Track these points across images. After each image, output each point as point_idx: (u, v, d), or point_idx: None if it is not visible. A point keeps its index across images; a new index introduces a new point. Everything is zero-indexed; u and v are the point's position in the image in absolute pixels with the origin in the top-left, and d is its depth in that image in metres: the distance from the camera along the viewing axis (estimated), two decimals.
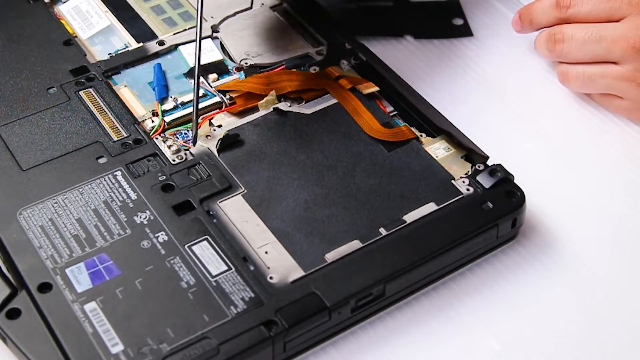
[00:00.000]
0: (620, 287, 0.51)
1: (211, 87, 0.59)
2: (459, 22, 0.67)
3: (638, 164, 0.57)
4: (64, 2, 0.65)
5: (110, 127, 0.55)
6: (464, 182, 0.52)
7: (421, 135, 0.56)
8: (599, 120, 0.60)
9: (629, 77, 0.57)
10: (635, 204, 0.55)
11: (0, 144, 0.54)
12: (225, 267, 0.48)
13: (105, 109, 0.56)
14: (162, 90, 0.58)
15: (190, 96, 0.58)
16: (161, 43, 0.62)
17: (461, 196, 0.51)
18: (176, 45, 0.62)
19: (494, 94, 0.62)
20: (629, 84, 0.57)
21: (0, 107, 0.56)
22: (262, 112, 0.57)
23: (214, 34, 0.63)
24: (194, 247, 0.49)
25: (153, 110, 0.57)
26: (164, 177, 0.52)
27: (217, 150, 0.54)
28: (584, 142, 0.59)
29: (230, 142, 0.55)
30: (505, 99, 0.62)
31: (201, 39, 0.54)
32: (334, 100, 0.57)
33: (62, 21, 0.64)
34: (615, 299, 0.50)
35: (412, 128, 0.56)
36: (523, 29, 0.63)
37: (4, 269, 0.48)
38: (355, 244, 0.49)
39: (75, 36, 0.63)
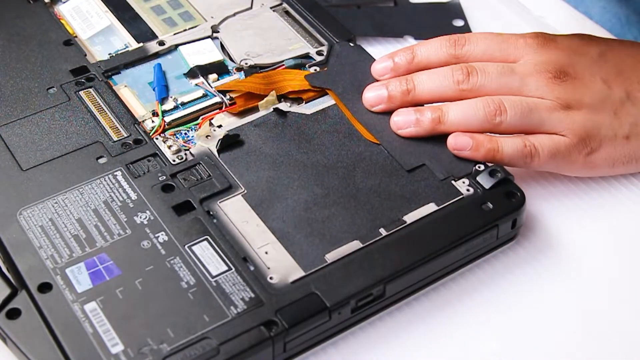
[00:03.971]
0: (620, 288, 0.51)
1: (211, 87, 0.59)
2: (459, 23, 0.67)
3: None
4: (64, 2, 0.65)
5: (110, 127, 0.55)
6: (464, 182, 0.52)
7: None
8: None
9: (555, 108, 0.53)
10: (635, 204, 0.55)
11: (0, 144, 0.54)
12: (225, 267, 0.48)
13: (105, 109, 0.57)
14: (162, 90, 0.58)
15: (190, 96, 0.58)
16: (161, 43, 0.62)
17: (461, 197, 0.51)
18: (176, 45, 0.62)
19: None
20: (560, 113, 0.53)
21: (0, 107, 0.56)
22: (262, 113, 0.57)
23: (214, 34, 0.63)
24: (194, 247, 0.49)
25: (153, 110, 0.57)
26: (164, 177, 0.52)
27: (217, 151, 0.54)
28: None
29: (230, 142, 0.55)
30: None
31: None
32: (334, 101, 0.57)
33: (62, 21, 0.64)
34: (615, 299, 0.51)
35: None
36: (395, 72, 0.56)
37: (4, 269, 0.48)
38: (355, 244, 0.49)
39: (75, 36, 0.63)
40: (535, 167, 0.53)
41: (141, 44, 0.62)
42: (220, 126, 0.56)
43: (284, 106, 0.57)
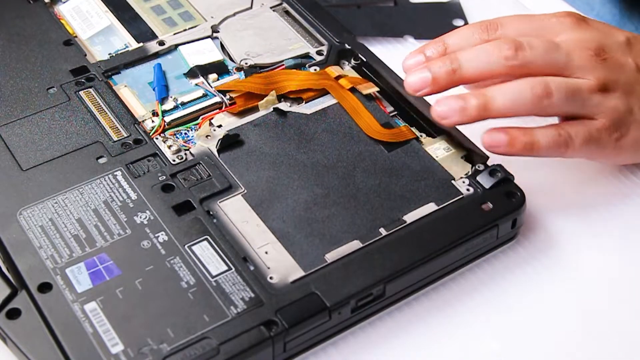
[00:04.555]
0: (620, 287, 0.51)
1: (211, 87, 0.59)
2: (459, 23, 0.67)
3: (638, 164, 0.57)
4: (64, 2, 0.65)
5: (110, 127, 0.55)
6: (464, 182, 0.52)
7: (421, 135, 0.56)
8: None
9: (594, 89, 0.52)
10: (635, 204, 0.55)
11: (0, 144, 0.54)
12: (225, 267, 0.48)
13: (105, 109, 0.57)
14: (162, 90, 0.58)
15: (190, 96, 0.58)
16: (161, 43, 0.62)
17: (461, 196, 0.51)
18: (176, 45, 0.62)
19: None
20: (599, 96, 0.52)
21: (0, 107, 0.56)
22: (262, 112, 0.57)
23: (214, 34, 0.63)
24: (194, 247, 0.49)
25: (153, 110, 0.57)
26: (164, 177, 0.52)
27: (217, 150, 0.54)
28: None
29: (230, 142, 0.55)
30: None
31: None
32: (334, 100, 0.57)
33: (62, 21, 0.64)
34: (615, 299, 0.51)
35: (412, 128, 0.56)
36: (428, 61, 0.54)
37: (4, 269, 0.48)
38: (355, 244, 0.49)
39: (75, 36, 0.63)
40: (568, 156, 0.53)
41: (141, 44, 0.62)
42: (220, 126, 0.56)
43: (284, 106, 0.57)
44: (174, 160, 0.53)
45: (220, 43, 0.62)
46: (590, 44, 0.53)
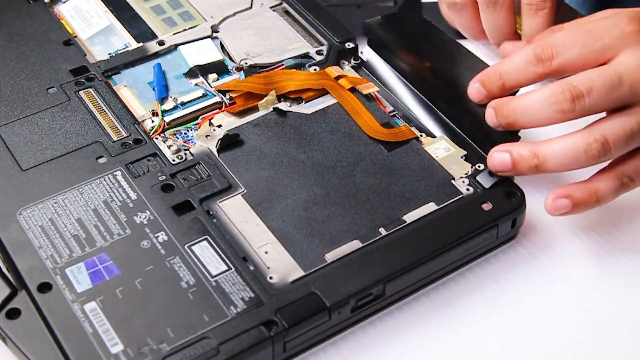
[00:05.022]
0: (620, 287, 0.51)
1: (211, 87, 0.59)
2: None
3: None
4: (64, 2, 0.65)
5: (110, 127, 0.55)
6: (464, 182, 0.52)
7: (421, 135, 0.56)
8: None
9: None
10: (634, 204, 0.55)
11: (0, 144, 0.54)
12: (225, 267, 0.48)
13: (105, 109, 0.57)
14: (162, 90, 0.58)
15: (190, 96, 0.58)
16: (161, 43, 0.62)
17: (461, 196, 0.51)
18: (176, 45, 0.62)
19: None
20: None
21: (0, 107, 0.56)
22: (262, 112, 0.57)
23: (214, 34, 0.63)
24: (193, 247, 0.49)
25: (153, 110, 0.57)
26: (164, 177, 0.52)
27: (217, 150, 0.54)
28: None
29: (230, 142, 0.55)
30: None
31: None
32: (334, 100, 0.57)
33: (62, 21, 0.64)
34: (615, 299, 0.50)
35: (412, 128, 0.56)
36: (488, 97, 0.53)
37: (4, 269, 0.48)
38: (355, 244, 0.49)
39: (75, 36, 0.63)
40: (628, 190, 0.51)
41: (141, 44, 0.62)
42: (220, 126, 0.56)
43: (283, 106, 0.57)
44: (173, 160, 0.53)
45: (220, 43, 0.62)
46: None
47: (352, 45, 0.61)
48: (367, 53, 0.61)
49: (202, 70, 0.59)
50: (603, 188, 0.50)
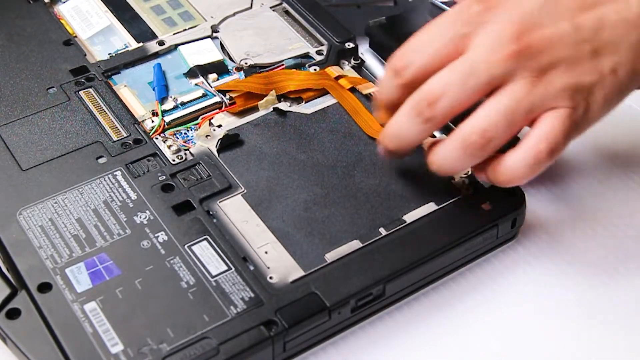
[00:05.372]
0: (620, 287, 0.51)
1: (211, 87, 0.59)
2: None
3: (638, 163, 0.57)
4: (64, 2, 0.65)
5: (110, 127, 0.55)
6: (464, 182, 0.52)
7: None
8: None
9: (534, 83, 0.46)
10: (635, 204, 0.55)
11: (0, 144, 0.54)
12: (225, 267, 0.48)
13: (105, 109, 0.57)
14: (162, 90, 0.58)
15: (190, 96, 0.58)
16: (161, 43, 0.62)
17: (461, 196, 0.51)
18: (176, 45, 0.62)
19: None
20: (542, 87, 0.46)
21: (0, 107, 0.56)
22: (262, 112, 0.57)
23: (214, 34, 0.63)
24: (193, 247, 0.49)
25: (153, 110, 0.57)
26: (164, 177, 0.52)
27: (217, 150, 0.54)
28: (584, 141, 0.59)
29: (230, 142, 0.55)
30: None
31: None
32: (334, 100, 0.57)
33: (62, 21, 0.64)
34: (615, 299, 0.50)
35: None
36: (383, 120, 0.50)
37: (4, 269, 0.48)
38: (355, 244, 0.49)
39: (75, 36, 0.63)
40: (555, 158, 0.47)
41: (141, 44, 0.62)
42: (220, 126, 0.56)
43: (283, 106, 0.57)
44: (173, 160, 0.53)
45: (220, 43, 0.62)
46: (506, 38, 0.45)
47: (352, 45, 0.61)
48: (367, 54, 0.61)
49: (202, 70, 0.59)
50: (510, 164, 0.46)
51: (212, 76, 0.59)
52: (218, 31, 0.63)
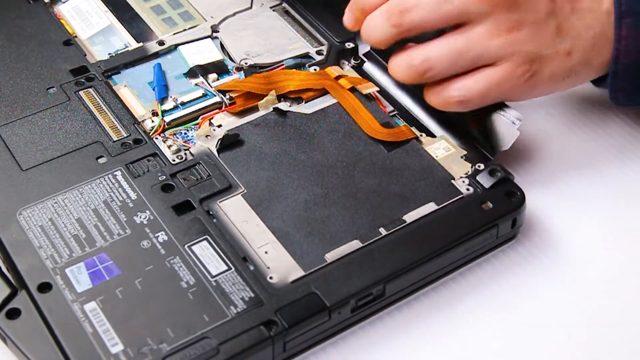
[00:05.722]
0: (620, 287, 0.51)
1: (211, 87, 0.59)
2: None
3: (638, 163, 0.57)
4: (64, 2, 0.65)
5: (110, 127, 0.55)
6: (464, 182, 0.52)
7: (421, 135, 0.56)
8: (599, 119, 0.60)
9: (494, 33, 0.50)
10: (635, 203, 0.55)
11: (0, 144, 0.54)
12: (225, 267, 0.48)
13: (105, 109, 0.57)
14: (162, 90, 0.58)
15: (190, 96, 0.58)
16: (161, 43, 0.62)
17: (461, 196, 0.51)
18: (176, 45, 0.62)
19: None
20: (500, 40, 0.50)
21: (0, 107, 0.56)
22: (262, 112, 0.57)
23: (214, 34, 0.63)
24: (193, 247, 0.49)
25: (153, 110, 0.57)
26: (164, 177, 0.52)
27: (217, 150, 0.54)
28: (584, 141, 0.59)
29: (230, 142, 0.55)
30: None
31: None
32: (334, 100, 0.57)
33: (62, 21, 0.64)
34: (615, 299, 0.50)
35: (412, 128, 0.56)
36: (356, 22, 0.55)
37: (4, 269, 0.48)
38: (355, 244, 0.49)
39: (75, 36, 0.63)
40: (471, 108, 0.52)
41: (141, 44, 0.62)
42: (220, 126, 0.56)
43: (283, 106, 0.57)
44: (173, 160, 0.53)
45: (220, 43, 0.62)
46: None
47: (352, 45, 0.61)
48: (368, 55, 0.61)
49: (202, 70, 0.59)
50: (433, 99, 0.53)
51: (212, 76, 0.59)
52: (218, 31, 0.63)
